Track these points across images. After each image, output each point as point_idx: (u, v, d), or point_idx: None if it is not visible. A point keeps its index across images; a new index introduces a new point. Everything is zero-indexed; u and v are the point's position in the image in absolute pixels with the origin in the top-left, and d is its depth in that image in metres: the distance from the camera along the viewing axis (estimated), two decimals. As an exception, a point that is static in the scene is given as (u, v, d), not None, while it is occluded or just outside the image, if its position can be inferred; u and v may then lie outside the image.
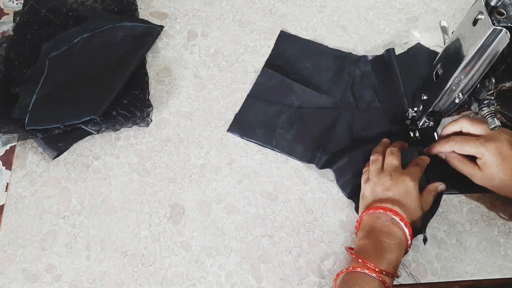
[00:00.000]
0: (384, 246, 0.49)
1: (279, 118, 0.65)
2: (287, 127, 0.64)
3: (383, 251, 0.49)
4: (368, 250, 0.49)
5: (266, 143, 0.63)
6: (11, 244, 0.56)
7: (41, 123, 0.60)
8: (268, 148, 0.63)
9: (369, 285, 0.47)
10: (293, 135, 0.64)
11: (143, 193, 0.60)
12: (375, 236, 0.50)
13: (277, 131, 0.64)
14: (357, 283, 0.47)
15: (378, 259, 0.48)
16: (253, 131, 0.64)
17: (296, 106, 0.66)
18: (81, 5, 0.74)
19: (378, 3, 0.79)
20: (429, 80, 0.54)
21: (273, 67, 0.70)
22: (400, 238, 0.50)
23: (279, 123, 0.65)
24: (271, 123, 0.65)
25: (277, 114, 0.66)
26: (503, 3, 0.42)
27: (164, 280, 0.54)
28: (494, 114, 0.49)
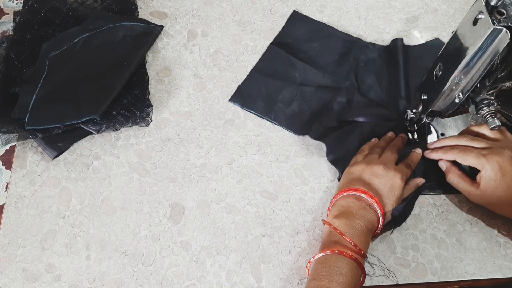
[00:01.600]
0: (358, 228, 0.50)
1: (280, 93, 0.67)
2: (287, 102, 0.66)
3: (358, 233, 0.50)
4: (345, 229, 0.50)
5: (265, 115, 0.65)
6: (11, 244, 0.56)
7: (41, 123, 0.60)
8: (266, 119, 0.65)
9: (349, 266, 0.48)
10: (292, 111, 0.66)
11: (143, 193, 0.60)
12: (350, 217, 0.51)
13: (277, 105, 0.66)
14: (336, 264, 0.48)
15: (355, 240, 0.50)
16: (254, 103, 0.66)
17: (298, 83, 0.68)
18: (81, 5, 0.74)
19: (378, 3, 0.79)
20: (429, 80, 0.54)
21: (279, 45, 0.72)
22: (373, 224, 0.52)
23: (280, 98, 0.67)
24: (272, 97, 0.67)
25: (279, 89, 0.68)
26: (503, 3, 0.42)
27: (164, 280, 0.54)
28: (494, 114, 0.49)
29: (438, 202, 0.60)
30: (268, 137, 0.64)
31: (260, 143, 0.64)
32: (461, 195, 0.60)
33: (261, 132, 0.65)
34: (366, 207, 0.52)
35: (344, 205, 0.53)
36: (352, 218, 0.51)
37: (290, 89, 0.68)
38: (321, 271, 0.48)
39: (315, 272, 0.49)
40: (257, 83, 0.68)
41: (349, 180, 0.55)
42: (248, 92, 0.67)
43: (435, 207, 0.59)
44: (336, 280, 0.47)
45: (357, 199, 0.52)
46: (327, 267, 0.48)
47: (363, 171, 0.55)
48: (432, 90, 0.53)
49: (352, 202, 0.52)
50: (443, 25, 0.76)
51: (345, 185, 0.55)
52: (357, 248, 0.49)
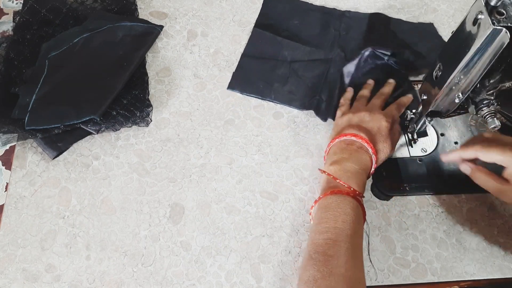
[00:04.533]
0: (352, 171, 0.52)
1: (275, 73, 0.69)
2: (283, 80, 0.68)
3: (352, 176, 0.52)
4: (339, 175, 0.52)
5: (265, 96, 0.67)
6: (11, 244, 0.56)
7: (41, 123, 0.60)
8: (268, 100, 0.67)
9: (351, 205, 0.50)
10: (290, 87, 0.68)
11: (143, 193, 0.60)
12: (344, 162, 0.53)
13: (274, 85, 0.68)
14: (340, 206, 0.50)
15: (351, 183, 0.52)
16: (252, 86, 0.68)
17: (289, 60, 0.70)
18: (81, 5, 0.74)
19: (378, 3, 0.79)
20: (429, 80, 0.54)
21: (263, 26, 0.74)
22: (367, 164, 0.54)
23: (275, 78, 0.69)
24: (267, 78, 0.69)
25: (272, 69, 0.70)
26: (503, 3, 0.41)
27: (164, 280, 0.54)
28: (494, 114, 0.49)
29: (438, 202, 0.60)
30: (268, 137, 0.64)
31: (260, 143, 0.64)
32: (461, 195, 0.60)
33: (261, 132, 0.65)
34: (358, 149, 0.54)
35: (337, 151, 0.55)
36: (345, 162, 0.53)
37: (283, 67, 0.70)
38: (326, 214, 0.50)
39: (319, 216, 0.51)
40: (250, 67, 0.70)
41: (338, 130, 0.58)
42: (243, 77, 0.69)
43: (435, 207, 0.59)
44: (341, 219, 0.49)
45: (348, 143, 0.55)
46: (330, 210, 0.50)
47: (350, 120, 0.58)
48: (432, 90, 0.53)
49: (344, 147, 0.55)
50: (443, 25, 0.76)
51: (334, 133, 0.58)
52: (352, 189, 0.51)
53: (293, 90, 0.68)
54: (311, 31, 0.74)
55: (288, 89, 0.68)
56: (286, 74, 0.69)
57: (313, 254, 0.47)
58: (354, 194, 0.51)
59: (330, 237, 0.48)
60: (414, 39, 0.73)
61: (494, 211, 0.59)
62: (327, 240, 0.48)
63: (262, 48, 0.71)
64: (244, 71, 0.69)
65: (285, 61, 0.70)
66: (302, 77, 0.69)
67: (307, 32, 0.74)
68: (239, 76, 0.69)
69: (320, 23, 0.75)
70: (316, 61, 0.70)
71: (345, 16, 0.76)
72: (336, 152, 0.55)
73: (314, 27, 0.75)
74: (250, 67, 0.70)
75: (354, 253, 0.47)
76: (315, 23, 0.75)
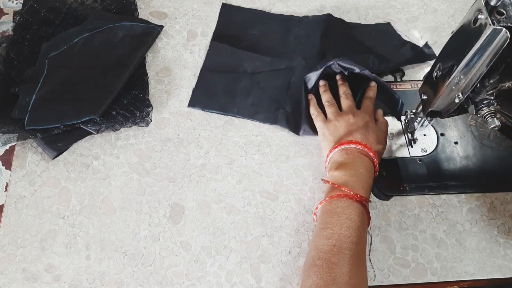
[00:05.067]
0: (357, 175, 0.53)
1: (236, 86, 0.68)
2: (246, 93, 0.67)
3: (357, 179, 0.52)
4: (345, 180, 0.52)
5: (228, 111, 0.65)
6: (10, 244, 0.56)
7: (41, 123, 0.60)
8: (231, 115, 0.65)
9: (356, 211, 0.50)
10: (253, 100, 0.66)
11: (142, 193, 0.60)
12: (348, 167, 0.53)
13: (237, 98, 0.66)
14: (345, 212, 0.50)
15: (356, 187, 0.52)
16: (213, 102, 0.66)
17: (250, 72, 0.69)
18: (80, 5, 0.74)
19: (378, 3, 0.79)
20: (429, 80, 0.54)
21: (221, 39, 0.72)
22: (370, 166, 0.54)
23: (237, 91, 0.67)
24: (229, 92, 0.67)
25: (234, 82, 0.68)
26: (503, 3, 0.41)
27: (164, 280, 0.54)
28: (494, 114, 0.49)
29: (438, 202, 0.60)
30: (268, 137, 0.64)
31: (260, 143, 0.64)
32: (461, 195, 0.60)
33: (260, 132, 0.65)
34: (357, 154, 0.55)
35: (338, 158, 0.55)
36: (349, 166, 0.53)
37: (244, 80, 0.68)
38: (331, 219, 0.50)
39: (324, 221, 0.51)
40: (210, 82, 0.68)
41: (330, 140, 0.58)
42: (204, 93, 0.67)
43: (435, 207, 0.59)
44: (347, 225, 0.49)
45: (346, 151, 0.55)
46: (335, 215, 0.50)
47: (336, 128, 0.58)
48: (432, 90, 0.53)
49: (344, 154, 0.55)
50: (443, 25, 0.76)
51: (329, 145, 0.58)
52: (358, 195, 0.51)
53: (256, 102, 0.66)
54: (271, 40, 0.73)
55: (251, 102, 0.66)
56: (248, 86, 0.68)
57: (316, 261, 0.47)
58: (360, 199, 0.51)
59: (335, 244, 0.48)
60: (373, 41, 0.73)
61: (494, 211, 0.59)
62: (331, 247, 0.47)
63: (222, 61, 0.70)
64: (204, 86, 0.68)
65: (246, 73, 0.69)
66: (264, 89, 0.67)
67: (267, 41, 0.72)
68: (199, 92, 0.67)
69: (279, 32, 0.73)
70: (277, 71, 0.69)
71: (303, 22, 0.74)
72: (337, 159, 0.55)
73: (273, 36, 0.73)
74: (210, 81, 0.68)
75: (358, 260, 0.47)
76: (274, 32, 0.73)
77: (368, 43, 0.72)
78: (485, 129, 0.64)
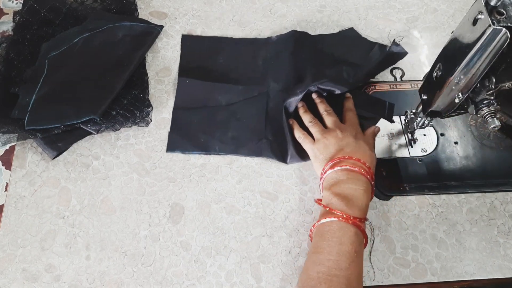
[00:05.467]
0: (353, 193, 0.51)
1: (213, 121, 0.64)
2: (224, 127, 0.64)
3: (353, 198, 0.50)
4: (339, 200, 0.50)
5: (209, 150, 0.62)
6: (10, 244, 0.56)
7: (41, 123, 0.60)
8: (213, 153, 0.62)
9: (348, 234, 0.48)
10: (232, 133, 0.63)
11: (142, 193, 0.60)
12: (343, 185, 0.52)
13: (216, 135, 0.63)
14: (335, 235, 0.48)
15: (350, 207, 0.50)
16: (192, 143, 0.62)
17: (224, 104, 0.66)
18: (80, 5, 0.74)
19: (378, 3, 0.79)
20: (429, 80, 0.54)
21: (188, 73, 0.68)
22: (365, 181, 0.52)
23: (215, 126, 0.64)
24: (207, 129, 0.64)
25: (210, 118, 0.64)
26: (503, 3, 0.41)
27: (164, 280, 0.54)
28: (494, 114, 0.49)
29: (438, 202, 0.60)
30: (268, 137, 0.64)
31: (260, 143, 0.64)
32: (461, 195, 0.60)
33: (261, 132, 0.65)
34: (352, 172, 0.52)
35: (332, 179, 0.53)
36: (344, 184, 0.52)
37: (220, 113, 0.65)
38: (321, 243, 0.49)
39: (316, 244, 0.50)
40: (185, 121, 0.64)
41: (322, 159, 0.56)
42: (181, 134, 0.63)
43: (435, 207, 0.59)
44: (336, 250, 0.47)
45: (340, 169, 0.53)
46: (325, 239, 0.49)
47: (326, 147, 0.56)
48: (432, 90, 0.53)
49: (338, 173, 0.53)
50: (443, 25, 0.76)
51: (321, 164, 0.56)
52: (351, 218, 0.49)
53: (236, 135, 0.63)
54: (239, 67, 0.69)
55: (231, 136, 0.63)
56: (225, 119, 0.64)
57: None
58: (353, 221, 0.49)
59: (323, 271, 0.46)
60: (341, 50, 0.71)
61: (494, 211, 0.59)
62: (319, 274, 0.46)
63: (193, 96, 0.66)
64: (180, 127, 0.64)
65: (220, 106, 0.65)
66: (242, 120, 0.64)
67: (236, 69, 0.69)
68: (175, 134, 0.63)
69: (246, 57, 0.70)
70: (252, 99, 0.66)
71: (269, 43, 0.72)
72: (331, 178, 0.53)
73: (241, 62, 0.70)
74: (185, 121, 0.64)
75: (349, 284, 0.46)
76: (241, 58, 0.70)
77: (337, 53, 0.71)
78: (485, 129, 0.64)
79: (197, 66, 0.69)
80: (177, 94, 0.66)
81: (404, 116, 0.64)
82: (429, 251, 0.56)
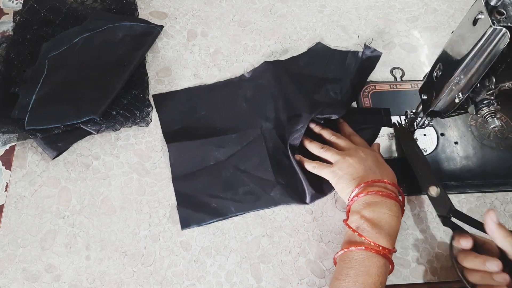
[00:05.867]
0: (385, 219, 0.48)
1: (219, 181, 0.59)
2: (232, 184, 0.59)
3: (385, 225, 0.48)
4: (371, 226, 0.48)
5: (226, 214, 0.57)
6: (11, 244, 0.56)
7: (41, 123, 0.60)
8: (231, 216, 0.58)
9: (376, 265, 0.46)
10: (243, 189, 0.59)
11: (142, 193, 0.60)
12: (376, 209, 0.49)
13: (227, 195, 0.59)
14: (363, 264, 0.46)
15: (381, 235, 0.47)
16: (205, 211, 0.58)
17: (223, 159, 0.61)
18: (80, 5, 0.74)
19: (378, 3, 0.79)
20: (429, 80, 0.54)
21: (173, 136, 0.63)
22: (397, 209, 0.50)
23: (222, 186, 0.59)
24: (215, 191, 0.59)
25: (214, 178, 0.60)
26: (503, 2, 0.41)
27: (164, 280, 0.54)
28: (494, 114, 0.49)
29: (438, 202, 0.60)
30: (268, 137, 0.64)
31: (260, 143, 0.64)
32: (461, 195, 0.60)
33: (261, 132, 0.65)
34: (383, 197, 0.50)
35: (362, 203, 0.51)
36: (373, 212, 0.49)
37: (223, 170, 0.60)
38: (347, 270, 0.47)
39: (341, 270, 0.48)
40: (189, 191, 0.59)
41: (348, 179, 0.53)
42: (190, 207, 0.58)
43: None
44: (362, 281, 0.45)
45: (373, 190, 0.50)
46: (352, 267, 0.47)
47: (350, 164, 0.53)
48: (432, 90, 0.53)
49: (371, 195, 0.50)
50: (443, 25, 0.76)
51: (349, 184, 0.53)
52: (381, 248, 0.46)
53: (247, 190, 0.59)
54: (224, 114, 0.65)
55: (243, 191, 0.59)
56: (231, 175, 0.60)
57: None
58: (383, 252, 0.46)
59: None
60: (317, 67, 0.69)
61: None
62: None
63: (188, 160, 0.61)
64: (186, 198, 0.58)
65: (221, 162, 0.60)
66: (247, 171, 0.60)
67: (220, 117, 0.64)
68: (184, 208, 0.58)
69: (226, 102, 0.66)
70: (249, 145, 0.61)
71: (244, 81, 0.68)
72: (364, 200, 0.51)
73: (223, 109, 0.65)
74: (189, 190, 0.59)
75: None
76: (221, 104, 0.66)
77: (315, 73, 0.68)
78: (485, 129, 0.64)
79: (181, 127, 0.64)
80: (171, 164, 0.61)
81: (404, 116, 0.64)
82: (429, 251, 0.56)
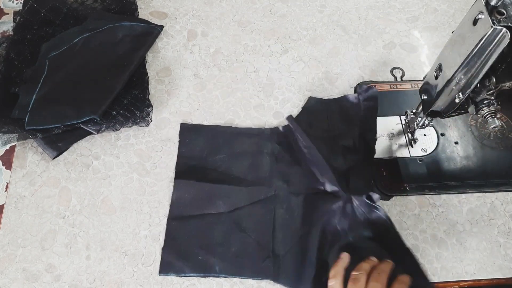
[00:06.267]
0: None
1: (213, 233, 0.55)
2: (226, 241, 0.55)
3: None
4: None
5: (209, 272, 0.53)
6: (11, 244, 0.56)
7: (41, 123, 0.60)
8: (213, 276, 0.53)
9: None
10: (236, 249, 0.54)
11: (143, 192, 0.60)
12: None
13: (217, 251, 0.54)
14: None
15: None
16: (188, 262, 0.53)
17: (226, 211, 0.57)
18: (81, 5, 0.74)
19: (378, 3, 0.79)
20: (429, 80, 0.54)
21: (186, 173, 0.59)
22: None
23: (216, 239, 0.55)
24: (206, 242, 0.55)
25: (210, 229, 0.56)
26: (503, 2, 0.41)
27: (164, 280, 0.54)
28: (494, 114, 0.49)
29: (438, 202, 0.60)
30: (268, 137, 0.64)
31: (260, 143, 0.64)
32: (461, 195, 0.60)
33: (261, 132, 0.65)
34: None
35: None
36: None
37: (221, 222, 0.56)
38: None
39: None
40: (181, 234, 0.55)
41: None
42: (176, 252, 0.54)
43: (435, 207, 0.59)
44: None
45: None
46: None
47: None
48: (432, 90, 0.53)
49: None
50: (443, 25, 0.76)
51: None
52: None
53: (240, 252, 0.54)
54: (243, 163, 0.60)
55: (235, 253, 0.54)
56: (228, 231, 0.55)
57: None
58: None
59: None
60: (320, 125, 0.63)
61: (494, 211, 0.59)
62: None
63: (190, 202, 0.57)
64: (175, 242, 0.55)
65: (222, 213, 0.56)
66: (247, 230, 0.55)
67: (239, 165, 0.60)
68: (169, 251, 0.54)
69: (250, 151, 0.61)
70: (257, 204, 0.57)
71: (276, 134, 0.62)
72: None
73: (245, 158, 0.60)
74: (181, 233, 0.55)
75: None
76: (245, 152, 0.61)
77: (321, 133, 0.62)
78: (486, 129, 0.64)
79: (196, 165, 0.60)
80: (172, 200, 0.58)
81: (404, 116, 0.64)
82: (429, 251, 0.56)
